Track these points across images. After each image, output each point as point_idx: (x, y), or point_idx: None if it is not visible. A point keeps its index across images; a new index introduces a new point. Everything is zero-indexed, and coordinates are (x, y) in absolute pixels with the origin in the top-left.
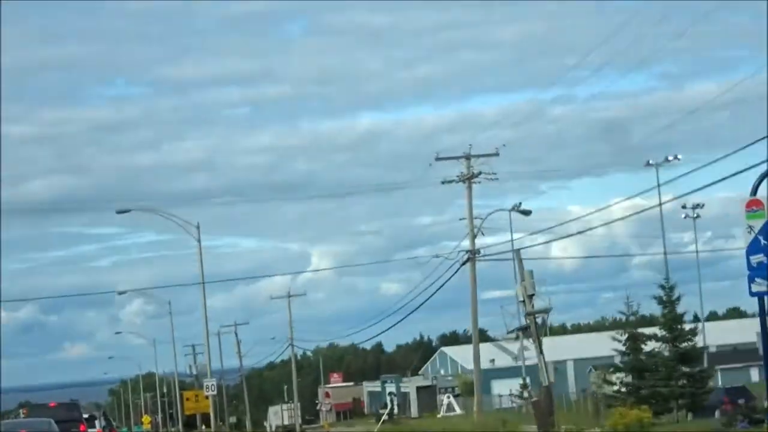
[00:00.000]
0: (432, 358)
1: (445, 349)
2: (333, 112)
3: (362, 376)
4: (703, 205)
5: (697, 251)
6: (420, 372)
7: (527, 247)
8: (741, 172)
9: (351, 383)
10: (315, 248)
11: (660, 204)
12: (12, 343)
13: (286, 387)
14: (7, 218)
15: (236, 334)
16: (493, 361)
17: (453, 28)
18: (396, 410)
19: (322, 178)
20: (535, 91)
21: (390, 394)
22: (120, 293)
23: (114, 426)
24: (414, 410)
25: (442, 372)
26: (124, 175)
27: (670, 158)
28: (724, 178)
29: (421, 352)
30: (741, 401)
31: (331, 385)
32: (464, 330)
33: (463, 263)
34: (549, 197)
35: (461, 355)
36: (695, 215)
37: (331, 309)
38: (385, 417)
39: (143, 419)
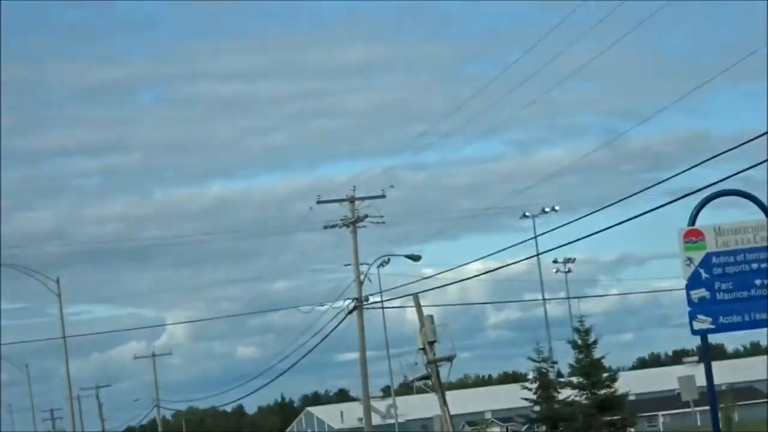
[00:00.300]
0: (297, 418)
1: (311, 409)
2: (184, 181)
3: None
4: (575, 260)
5: (569, 300)
6: None
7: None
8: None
9: None
10: (169, 314)
11: (537, 254)
12: None
13: None
14: None
15: (98, 397)
16: (362, 419)
17: (305, 97)
18: None
19: (175, 246)
20: (385, 157)
21: None
22: None
23: None
24: None
25: None
26: None
27: (547, 209)
28: (603, 229)
29: (283, 413)
30: None
31: None
32: (326, 390)
33: (350, 312)
34: (401, 261)
35: (328, 414)
36: (567, 270)
37: (189, 373)
38: None
39: None
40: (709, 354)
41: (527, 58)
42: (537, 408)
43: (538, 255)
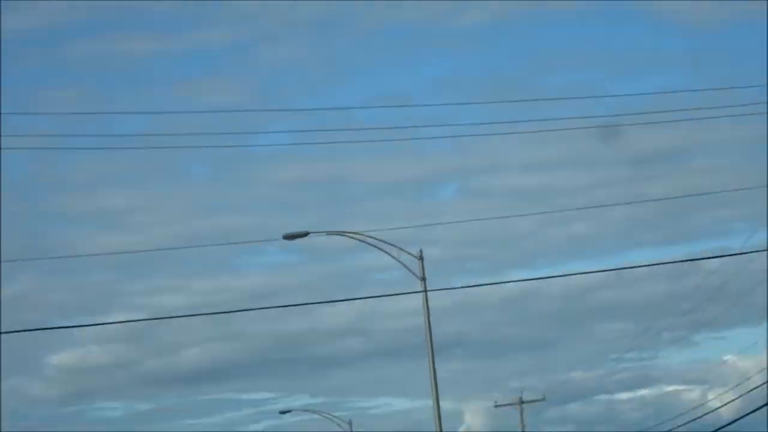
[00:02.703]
0: None
1: None
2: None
3: None
4: None
5: None
6: None
7: None
8: None
9: None
10: (467, 405)
11: None
12: None
13: None
14: (161, 386)
15: None
16: None
17: (607, 186)
18: None
19: (473, 337)
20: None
21: None
22: None
23: None
24: None
25: None
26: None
27: None
28: None
29: None
30: None
31: None
32: None
33: None
34: None
35: None
36: None
37: None
38: None
39: None
40: None
41: None
42: None
43: None
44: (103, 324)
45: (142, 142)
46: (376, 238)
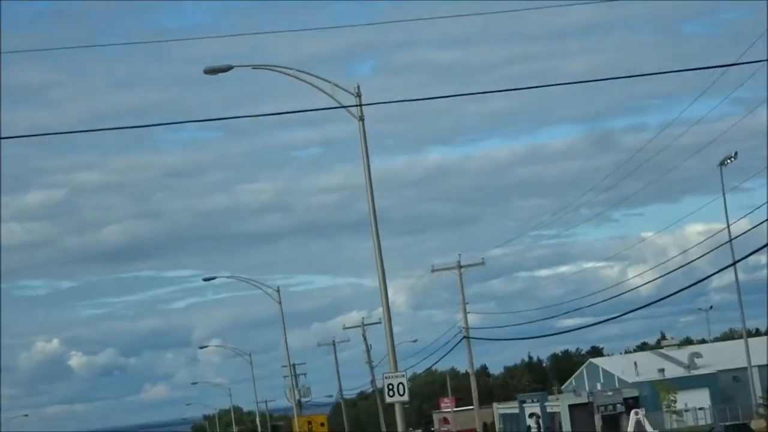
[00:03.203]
0: (578, 372)
1: (595, 360)
2: (403, 149)
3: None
4: None
5: None
6: (564, 389)
7: None
8: None
9: (470, 407)
10: (390, 283)
11: None
12: (94, 387)
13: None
14: (83, 264)
15: (365, 338)
16: (662, 371)
17: (523, 62)
18: None
19: (394, 214)
20: (606, 119)
21: (532, 415)
22: (201, 347)
23: None
24: None
25: (599, 386)
26: (197, 217)
27: None
28: None
29: (531, 373)
30: None
31: (448, 410)
32: (577, 348)
33: None
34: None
35: (619, 365)
36: None
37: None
38: None
39: None
40: None
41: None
42: None
43: None
44: None
45: (56, 16)
46: (308, 73)
